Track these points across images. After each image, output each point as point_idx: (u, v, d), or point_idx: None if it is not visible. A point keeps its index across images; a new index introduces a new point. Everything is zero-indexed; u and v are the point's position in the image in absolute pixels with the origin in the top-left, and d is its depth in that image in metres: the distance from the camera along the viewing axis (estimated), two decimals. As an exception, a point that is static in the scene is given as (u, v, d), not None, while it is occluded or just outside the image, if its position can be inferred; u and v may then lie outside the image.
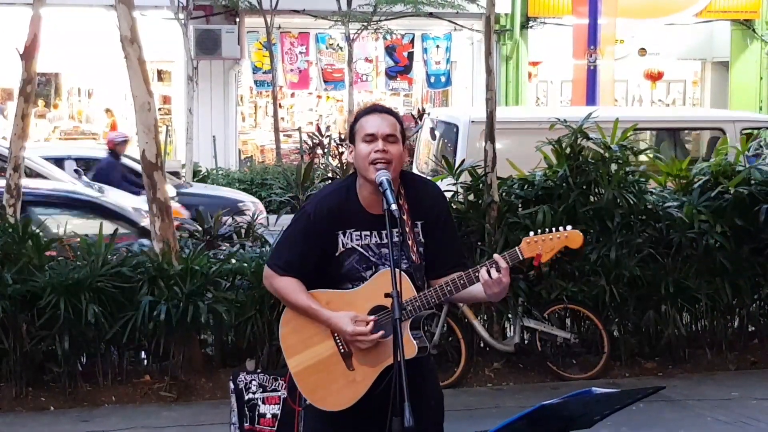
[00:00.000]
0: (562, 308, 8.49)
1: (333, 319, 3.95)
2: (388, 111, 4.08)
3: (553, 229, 3.89)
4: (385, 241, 3.93)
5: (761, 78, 23.52)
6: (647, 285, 8.47)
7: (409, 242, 3.98)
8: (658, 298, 8.50)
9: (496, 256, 3.88)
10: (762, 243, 8.72)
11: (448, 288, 3.90)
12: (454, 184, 8.63)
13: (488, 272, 3.84)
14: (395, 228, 3.84)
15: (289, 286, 4.05)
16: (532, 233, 3.89)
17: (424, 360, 4.05)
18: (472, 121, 9.02)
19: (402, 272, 3.86)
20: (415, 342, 3.93)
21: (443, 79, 23.74)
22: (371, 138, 3.96)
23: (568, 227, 3.89)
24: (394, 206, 3.80)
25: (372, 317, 3.92)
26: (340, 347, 3.99)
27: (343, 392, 3.96)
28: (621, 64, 24.70)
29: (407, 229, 3.99)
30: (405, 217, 3.97)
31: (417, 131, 14.40)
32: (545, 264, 8.08)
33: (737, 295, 8.76)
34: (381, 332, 3.88)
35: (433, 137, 13.04)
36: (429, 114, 14.37)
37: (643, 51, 25.32)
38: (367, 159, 3.95)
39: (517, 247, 3.88)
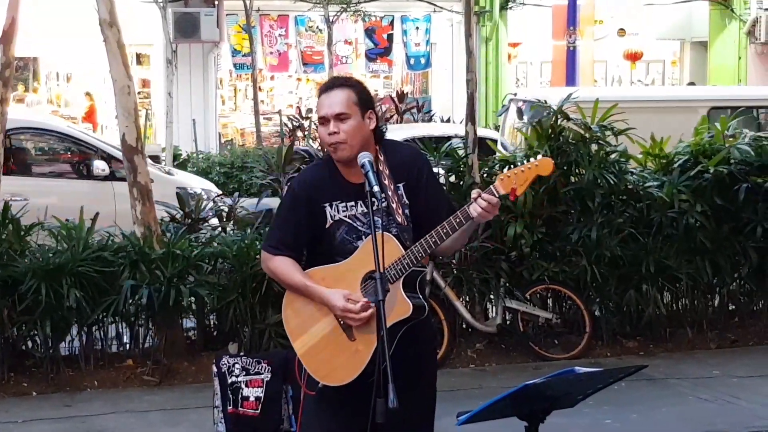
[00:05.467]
0: (543, 289, 8.52)
1: (325, 295, 3.99)
2: (341, 84, 4.07)
3: (524, 161, 3.92)
4: (370, 210, 3.94)
5: (740, 58, 23.57)
6: (628, 265, 8.51)
7: (394, 205, 4.03)
8: (639, 278, 8.54)
9: (475, 192, 3.90)
10: (741, 222, 8.77)
11: (444, 230, 3.91)
12: (436, 166, 8.64)
13: (478, 206, 3.87)
14: (376, 208, 3.86)
15: (283, 266, 4.09)
16: (505, 169, 3.94)
17: (421, 328, 4.07)
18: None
19: (388, 235, 3.94)
20: (409, 301, 3.96)
21: (423, 60, 23.70)
22: (323, 121, 4.03)
23: (538, 156, 3.94)
24: (376, 188, 3.85)
25: (364, 300, 3.94)
26: (340, 320, 4.02)
27: (348, 364, 3.99)
28: (600, 44, 24.76)
29: (390, 194, 4.02)
30: (387, 182, 4.01)
31: (501, 113, 14.42)
32: (523, 218, 8.16)
33: (717, 274, 8.82)
34: (371, 311, 3.90)
35: (521, 119, 12.94)
36: (515, 95, 14.38)
37: (622, 31, 25.35)
38: (326, 143, 4.04)
39: (492, 186, 3.92)
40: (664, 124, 9.38)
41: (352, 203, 4.06)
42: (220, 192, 11.50)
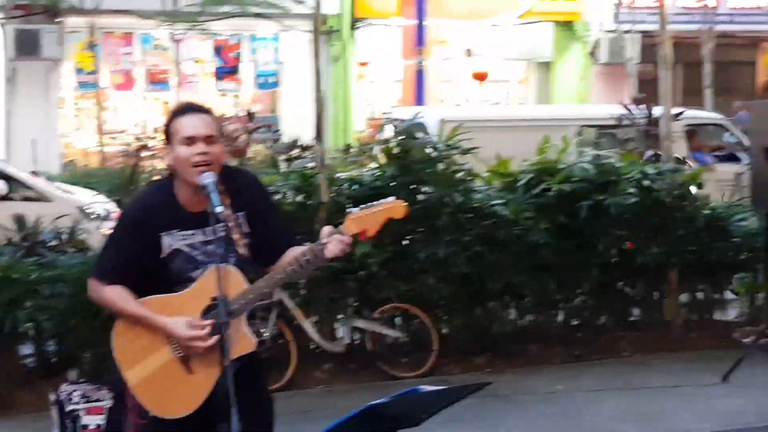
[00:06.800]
0: (392, 308, 8.52)
1: (169, 325, 3.89)
2: (203, 110, 4.03)
3: (375, 202, 3.90)
4: (210, 238, 3.93)
5: (582, 78, 24.25)
6: (476, 282, 8.58)
7: (235, 237, 3.94)
8: (486, 295, 8.62)
9: (325, 230, 3.86)
10: (584, 239, 8.95)
11: (292, 268, 3.88)
12: (282, 185, 8.57)
13: (331, 246, 3.84)
14: (219, 227, 3.83)
15: (116, 296, 3.96)
16: (354, 209, 3.89)
17: (256, 357, 4.04)
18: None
19: (232, 268, 3.87)
20: (252, 337, 3.92)
21: (272, 80, 23.59)
22: (190, 141, 3.91)
23: (390, 198, 3.90)
24: (219, 209, 3.78)
25: (208, 321, 3.86)
26: (177, 352, 3.92)
27: (186, 397, 3.91)
28: (448, 64, 25.10)
29: (231, 223, 3.94)
30: (227, 210, 3.92)
31: (378, 134, 14.39)
32: (373, 253, 8.14)
33: (562, 289, 8.97)
34: (218, 336, 3.82)
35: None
36: (390, 114, 14.38)
37: (469, 52, 25.73)
38: (189, 162, 3.90)
39: (342, 226, 3.87)
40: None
41: (191, 232, 3.98)
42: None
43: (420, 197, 8.61)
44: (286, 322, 8.13)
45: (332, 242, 3.83)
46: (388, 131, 13.40)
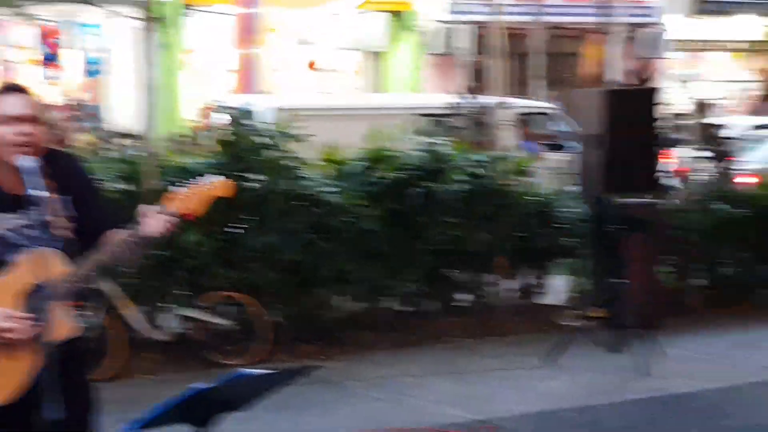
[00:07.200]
0: (222, 296, 8.43)
1: None
2: (25, 90, 3.93)
3: (200, 180, 3.88)
4: (32, 222, 3.82)
5: (415, 68, 24.58)
6: (307, 270, 8.57)
7: (58, 220, 3.85)
8: (318, 282, 8.62)
9: (142, 208, 3.82)
10: (415, 226, 9.04)
11: (114, 249, 3.83)
12: (107, 172, 8.36)
13: (155, 225, 3.80)
14: (40, 211, 3.74)
15: None
16: (173, 188, 3.85)
17: (77, 344, 3.94)
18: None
19: (53, 250, 3.78)
20: (73, 322, 3.84)
21: (99, 67, 23.09)
22: (10, 120, 3.81)
23: (212, 177, 3.89)
24: (36, 192, 3.71)
25: (27, 315, 3.73)
26: None
27: (5, 384, 3.76)
28: (281, 53, 25.06)
29: (54, 206, 3.84)
30: (50, 193, 3.82)
31: (214, 123, 14.08)
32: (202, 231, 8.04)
33: (393, 276, 9.03)
34: (36, 324, 3.71)
35: None
36: (222, 102, 14.14)
37: (303, 40, 25.72)
38: (8, 141, 3.80)
39: (166, 205, 3.84)
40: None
41: (10, 215, 3.85)
42: None
43: (250, 185, 8.54)
44: (112, 311, 7.95)
45: (150, 219, 3.79)
46: (217, 119, 13.32)
